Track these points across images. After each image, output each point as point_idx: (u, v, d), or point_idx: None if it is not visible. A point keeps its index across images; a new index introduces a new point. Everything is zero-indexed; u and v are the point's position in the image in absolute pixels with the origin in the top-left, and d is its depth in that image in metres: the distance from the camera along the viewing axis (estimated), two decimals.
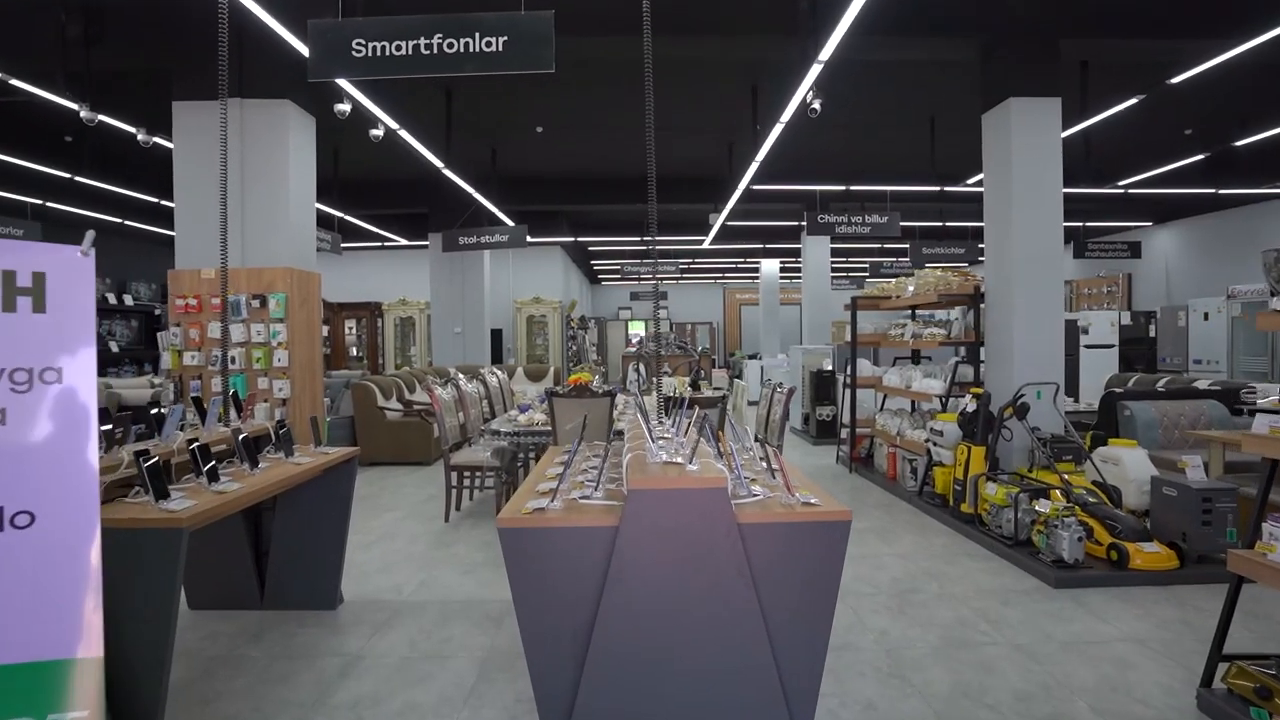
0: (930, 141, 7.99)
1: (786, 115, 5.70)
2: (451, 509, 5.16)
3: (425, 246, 11.40)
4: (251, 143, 5.14)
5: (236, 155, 5.08)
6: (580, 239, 13.09)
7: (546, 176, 10.45)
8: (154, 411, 2.82)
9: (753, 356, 15.85)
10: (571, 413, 4.59)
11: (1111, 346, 8.95)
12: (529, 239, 12.05)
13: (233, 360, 4.82)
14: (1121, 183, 8.51)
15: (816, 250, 11.55)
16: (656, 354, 4.33)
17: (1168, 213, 10.93)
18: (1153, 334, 10.50)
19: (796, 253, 15.22)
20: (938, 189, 8.52)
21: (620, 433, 4.67)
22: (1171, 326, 10.43)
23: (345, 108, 5.28)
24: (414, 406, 7.70)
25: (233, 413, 3.54)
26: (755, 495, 2.27)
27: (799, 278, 21.18)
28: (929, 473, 5.51)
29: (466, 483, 5.40)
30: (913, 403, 7.02)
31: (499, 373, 7.01)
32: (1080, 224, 11.32)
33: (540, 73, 3.46)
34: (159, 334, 4.91)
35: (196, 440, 2.53)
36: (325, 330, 12.05)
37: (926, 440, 5.51)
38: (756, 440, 2.78)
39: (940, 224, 11.25)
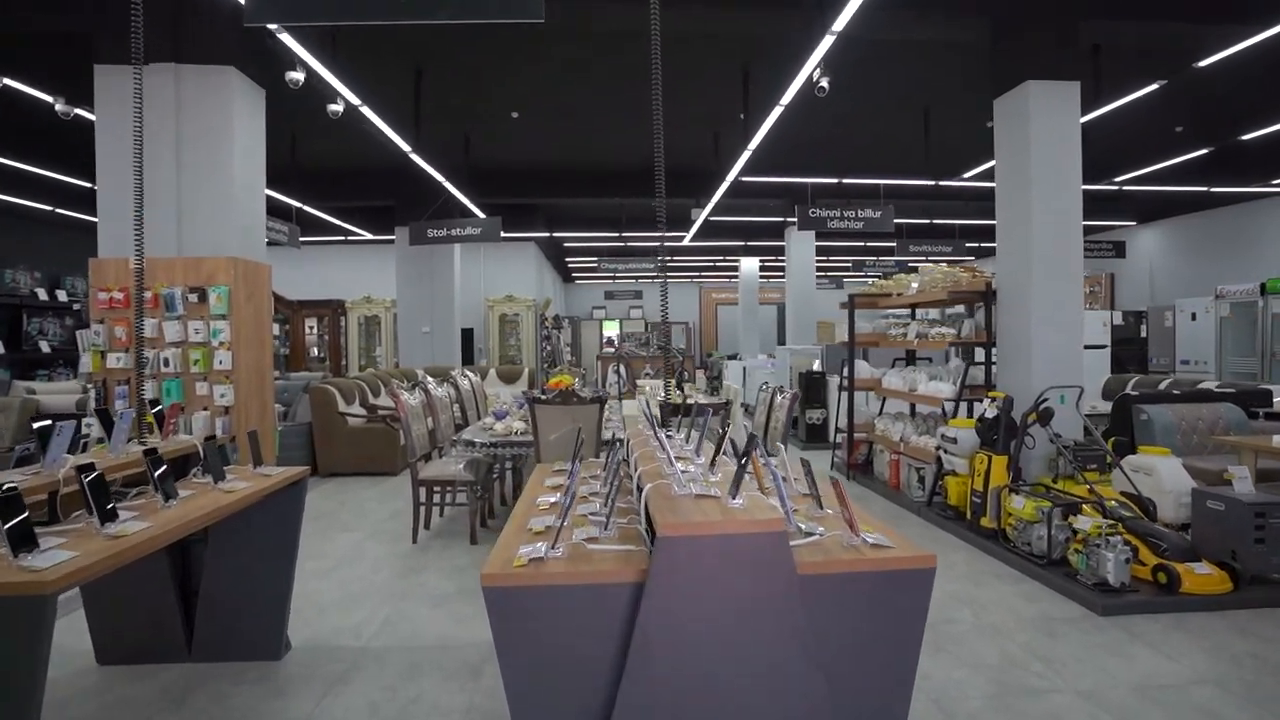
0: (925, 133, 7.67)
1: (787, 96, 5.28)
2: (420, 528, 4.62)
3: (392, 241, 10.75)
4: (190, 114, 4.52)
5: (170, 128, 4.46)
6: (555, 234, 12.55)
7: (521, 167, 9.90)
8: (46, 425, 2.23)
9: (732, 357, 15.48)
10: (557, 422, 4.10)
11: (1104, 347, 8.74)
12: (502, 234, 11.50)
13: (166, 363, 4.21)
14: (1118, 179, 8.31)
15: (801, 247, 11.21)
16: (664, 347, 3.85)
17: (1153, 212, 10.84)
18: (1144, 334, 10.37)
19: (778, 251, 14.91)
20: (932, 183, 8.21)
21: (610, 442, 4.19)
22: (1159, 327, 10.32)
23: (298, 76, 4.68)
24: (378, 412, 7.10)
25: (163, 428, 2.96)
26: (812, 535, 1.81)
27: (779, 277, 20.97)
28: (939, 482, 5.13)
29: (436, 499, 4.86)
30: (912, 406, 6.68)
31: (472, 375, 6.47)
32: None
33: (523, 32, 2.96)
34: (79, 333, 4.26)
35: (92, 466, 1.98)
36: (283, 330, 11.31)
37: (937, 448, 5.14)
38: (804, 465, 2.32)
39: (928, 221, 10.99)
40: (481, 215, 8.91)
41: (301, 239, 10.72)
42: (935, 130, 7.52)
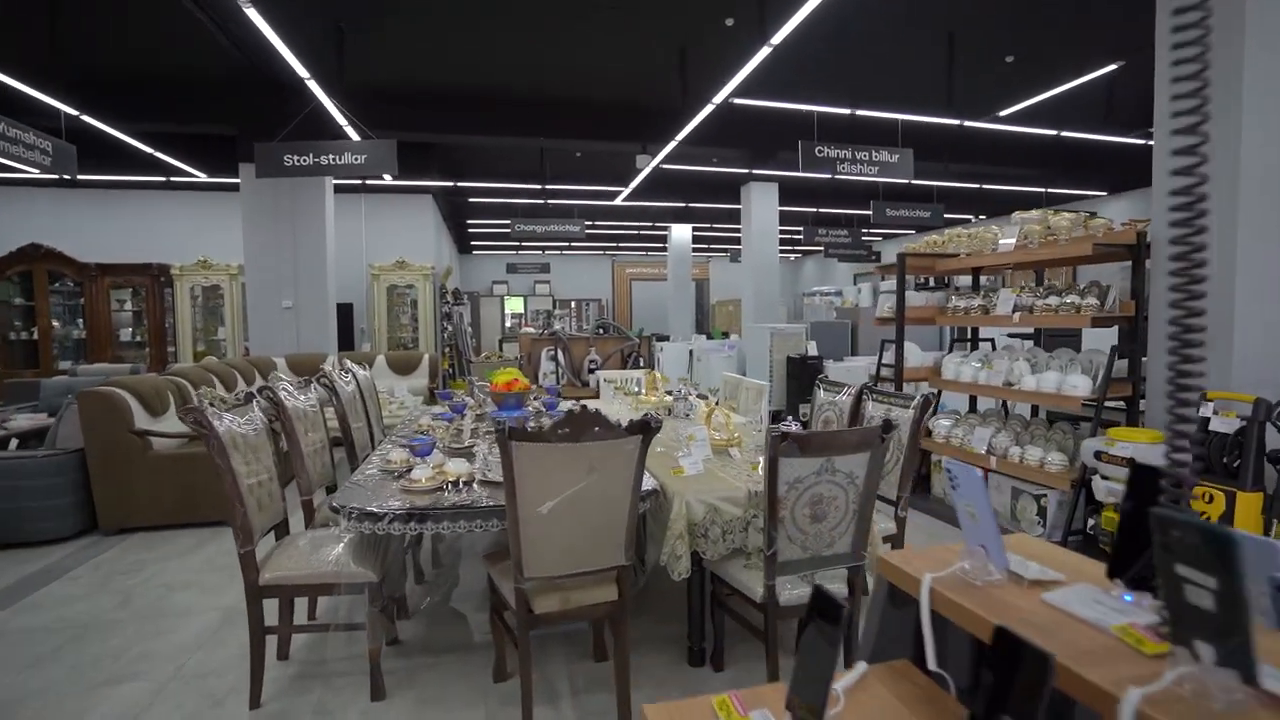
0: (949, 60, 6.09)
1: None
2: (265, 676, 2.37)
3: (236, 186, 7.91)
4: None
5: None
6: (461, 183, 10.06)
7: (414, 89, 7.40)
8: None
9: (661, 339, 13.63)
10: (554, 478, 2.00)
11: None
12: (395, 179, 8.90)
13: None
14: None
15: (763, 205, 9.48)
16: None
17: (1128, 181, 10.06)
18: None
19: (718, 215, 13.17)
20: (956, 123, 6.67)
21: (702, 536, 2.15)
22: None
23: None
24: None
25: None
26: None
27: (706, 251, 19.33)
28: (1094, 520, 3.51)
29: (301, 613, 2.61)
30: (972, 399, 5.11)
31: (359, 370, 4.13)
32: (1043, 189, 10.18)
33: None
34: None
35: None
36: (72, 304, 8.14)
37: (1090, 471, 3.51)
38: None
39: (906, 182, 9.58)
40: (357, 136, 6.33)
41: (106, 178, 7.67)
42: (965, 57, 5.95)
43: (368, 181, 9.50)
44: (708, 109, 6.04)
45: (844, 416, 3.45)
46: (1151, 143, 7.83)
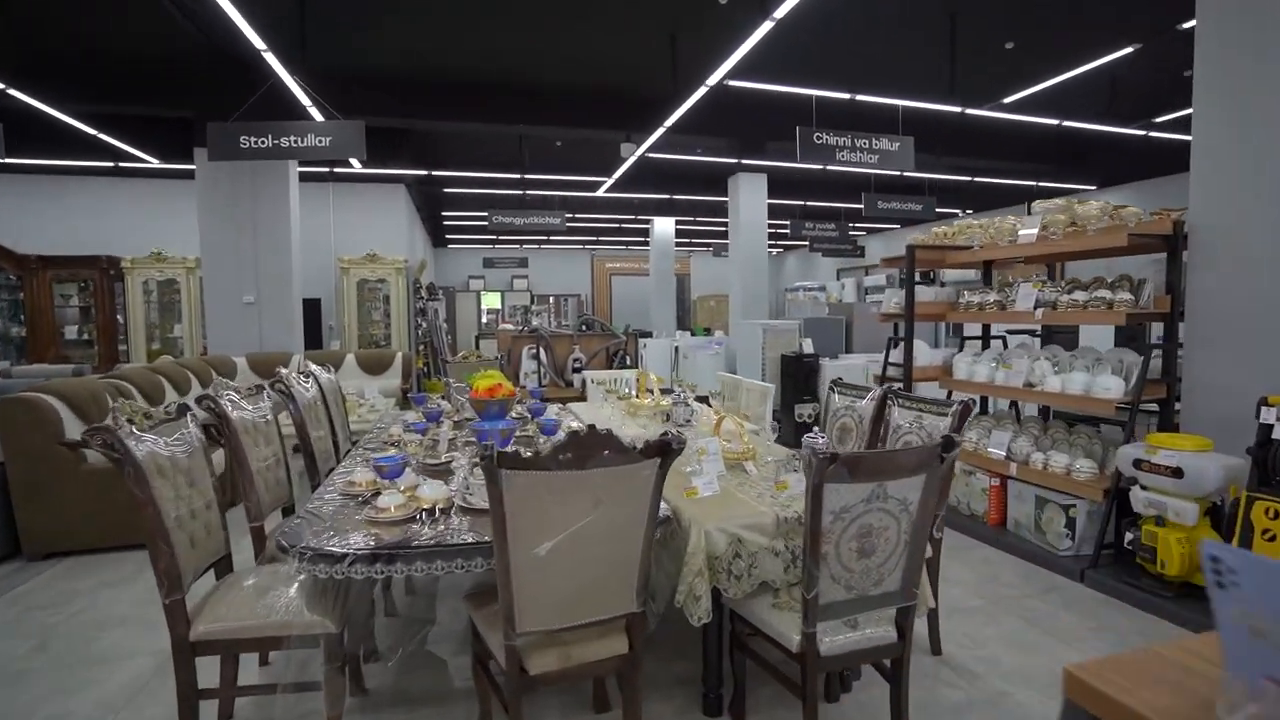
0: (951, 42, 5.80)
1: None
2: None
3: (192, 173, 7.35)
4: None
5: None
6: (435, 173, 9.57)
7: (384, 71, 6.91)
8: None
9: (644, 335, 13.26)
10: (557, 509, 1.63)
11: None
12: (366, 168, 8.42)
13: None
14: (1162, 118, 6.97)
15: (751, 195, 9.16)
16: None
17: (1118, 174, 9.91)
18: None
19: (702, 209, 12.82)
20: (958, 109, 6.39)
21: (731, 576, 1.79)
22: None
23: None
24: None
25: None
26: None
27: (699, 242, 18.92)
28: (1132, 534, 3.23)
29: (251, 665, 2.21)
30: (982, 400, 4.84)
31: (321, 372, 3.70)
32: (1033, 183, 10.01)
33: None
34: None
35: None
36: (12, 299, 7.53)
37: (1125, 481, 3.23)
38: None
39: (898, 173, 9.32)
40: (321, 117, 5.81)
41: (42, 160, 7.10)
42: (966, 40, 5.66)
43: (336, 169, 8.98)
44: (701, 90, 5.68)
45: (864, 424, 3.12)
46: (1152, 134, 7.67)
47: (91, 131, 7.20)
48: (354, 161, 8.37)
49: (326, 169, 8.94)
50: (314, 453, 3.07)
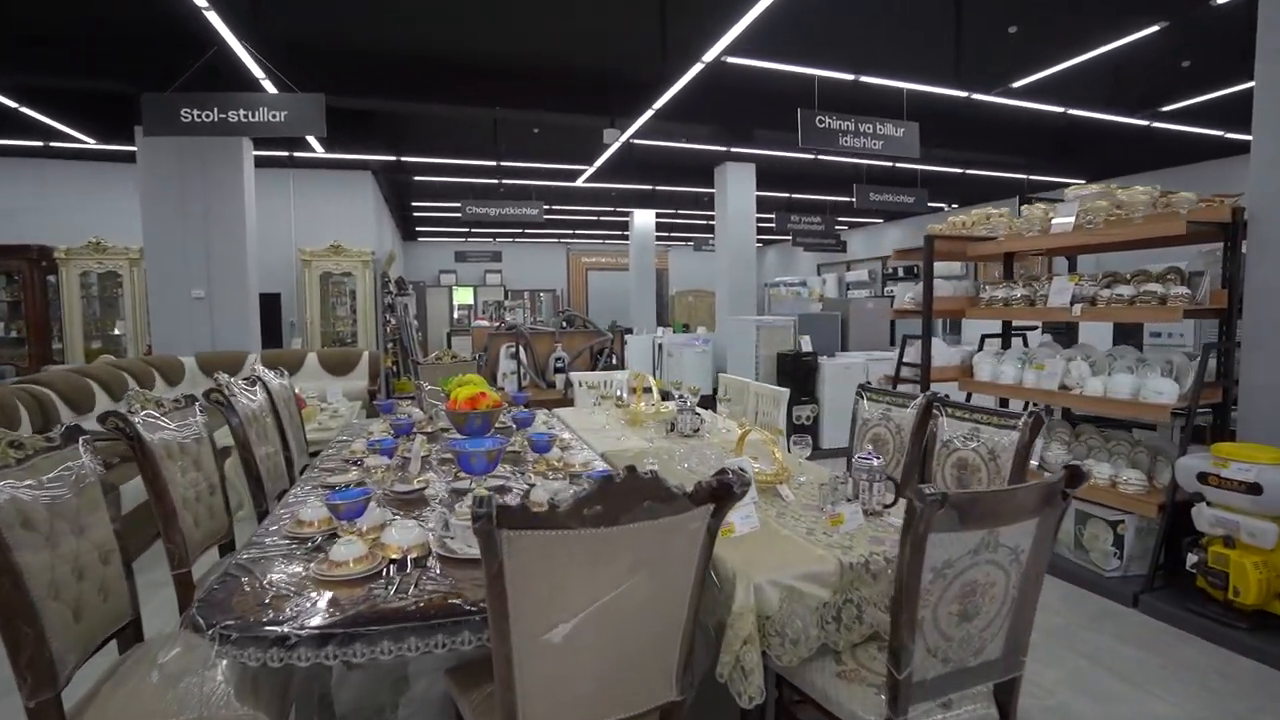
0: (957, 22, 5.45)
1: None
2: None
3: (133, 154, 6.68)
4: None
5: None
6: (405, 158, 8.96)
7: (348, 47, 6.34)
8: None
9: (624, 331, 12.80)
10: (580, 579, 1.18)
11: None
12: (330, 153, 7.82)
13: None
14: (1166, 108, 6.69)
15: (739, 185, 8.76)
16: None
17: (1109, 168, 9.72)
18: None
19: (685, 200, 12.38)
20: (964, 95, 6.05)
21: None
22: None
23: None
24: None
25: None
26: None
27: (678, 236, 18.44)
28: (1196, 555, 2.89)
29: None
30: (1002, 403, 4.48)
31: (274, 377, 3.19)
32: (1025, 176, 9.78)
33: None
34: None
35: None
36: None
37: (1184, 495, 2.89)
38: None
39: (891, 164, 9.01)
40: (272, 88, 5.21)
41: None
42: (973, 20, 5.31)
43: (296, 154, 8.34)
44: (697, 67, 5.22)
45: (903, 437, 2.73)
46: (1156, 124, 7.43)
47: (12, 105, 6.48)
48: (316, 144, 7.77)
49: (285, 153, 8.30)
50: (260, 474, 2.57)
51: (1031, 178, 9.77)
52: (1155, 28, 4.82)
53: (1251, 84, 3.16)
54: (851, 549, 1.76)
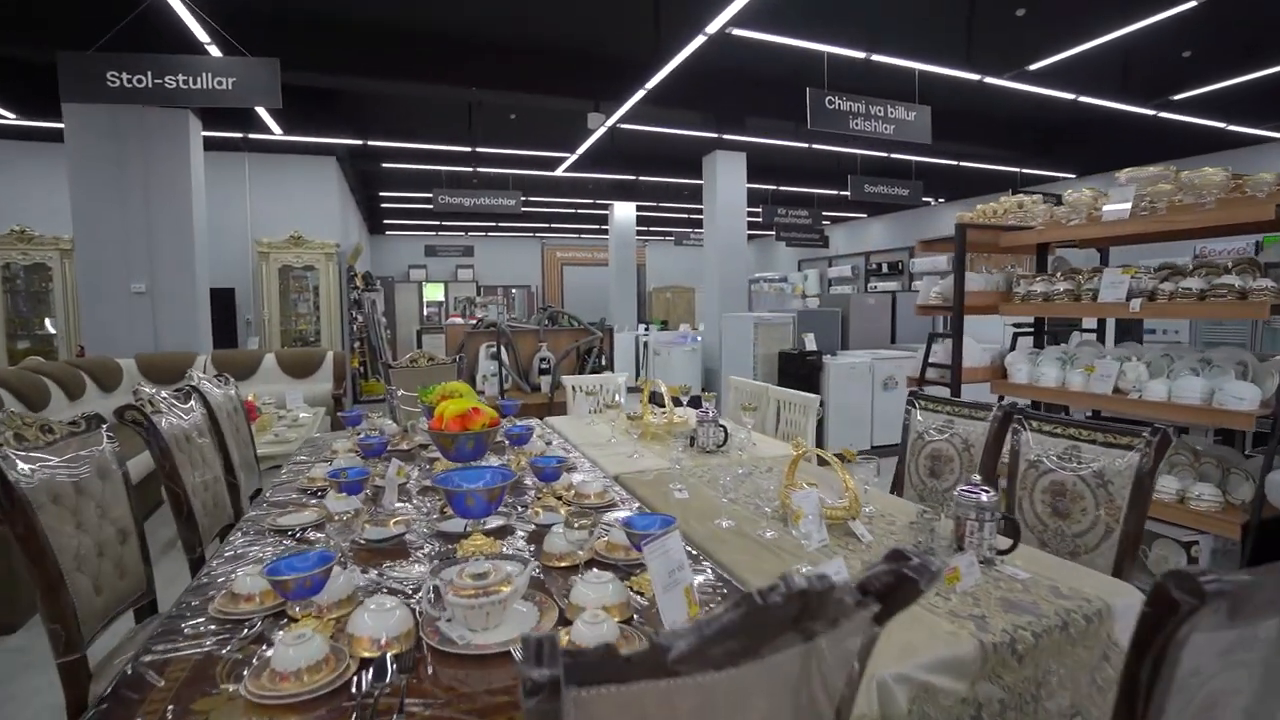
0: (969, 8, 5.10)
1: None
2: None
3: (60, 132, 5.96)
4: None
5: None
6: (370, 143, 8.33)
7: (309, 17, 5.73)
8: None
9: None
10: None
11: None
12: (291, 135, 7.16)
13: None
14: (1176, 96, 6.42)
15: (729, 176, 8.33)
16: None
17: (1104, 163, 9.54)
18: None
19: (667, 192, 11.94)
20: (976, 78, 5.70)
21: None
22: None
23: None
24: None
25: None
26: None
27: (657, 231, 17.91)
28: None
29: None
30: (1034, 406, 4.13)
31: (214, 388, 2.65)
32: (1017, 170, 9.56)
33: None
34: None
35: None
36: None
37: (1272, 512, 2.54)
38: None
39: (886, 155, 8.68)
40: (217, 52, 4.58)
41: None
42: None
43: (251, 135, 7.66)
44: (699, 40, 4.75)
45: (972, 453, 2.32)
46: (1164, 115, 7.20)
47: None
48: (273, 125, 7.11)
49: (239, 134, 7.62)
50: (192, 510, 2.04)
51: (1024, 171, 9.55)
52: (1184, 6, 4.49)
53: (1259, 74, 2.83)
54: (986, 620, 1.33)
